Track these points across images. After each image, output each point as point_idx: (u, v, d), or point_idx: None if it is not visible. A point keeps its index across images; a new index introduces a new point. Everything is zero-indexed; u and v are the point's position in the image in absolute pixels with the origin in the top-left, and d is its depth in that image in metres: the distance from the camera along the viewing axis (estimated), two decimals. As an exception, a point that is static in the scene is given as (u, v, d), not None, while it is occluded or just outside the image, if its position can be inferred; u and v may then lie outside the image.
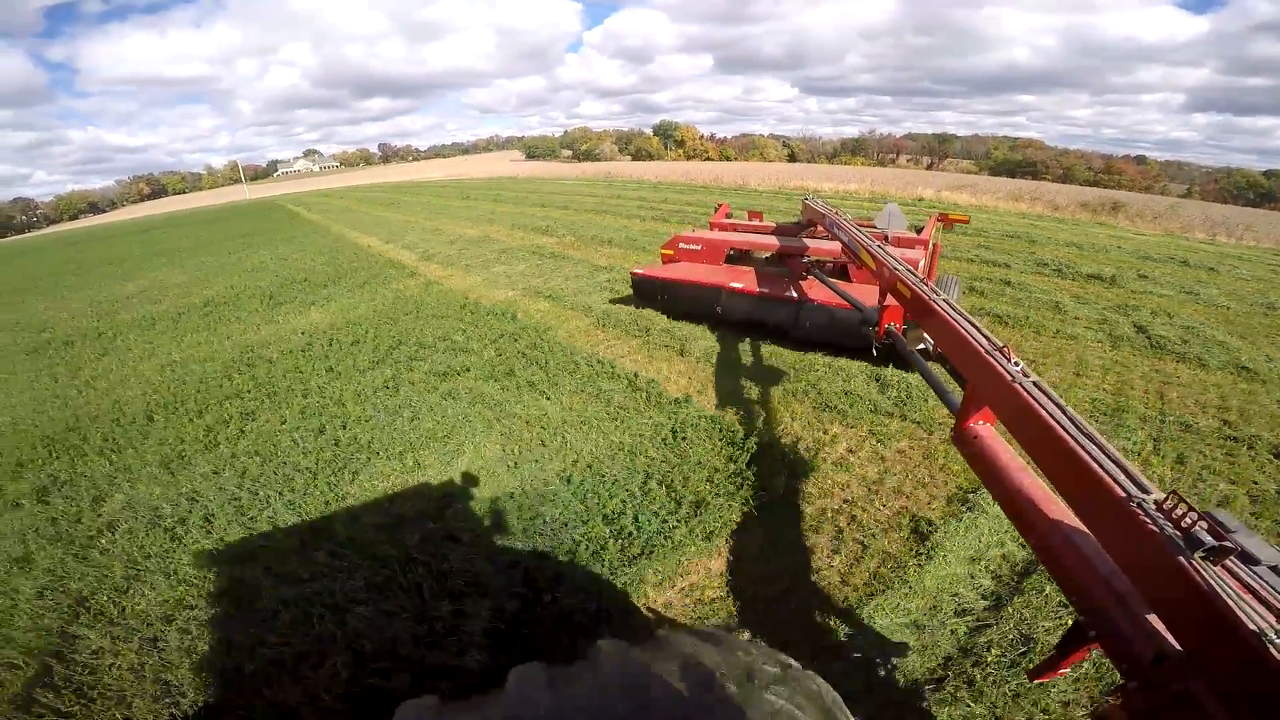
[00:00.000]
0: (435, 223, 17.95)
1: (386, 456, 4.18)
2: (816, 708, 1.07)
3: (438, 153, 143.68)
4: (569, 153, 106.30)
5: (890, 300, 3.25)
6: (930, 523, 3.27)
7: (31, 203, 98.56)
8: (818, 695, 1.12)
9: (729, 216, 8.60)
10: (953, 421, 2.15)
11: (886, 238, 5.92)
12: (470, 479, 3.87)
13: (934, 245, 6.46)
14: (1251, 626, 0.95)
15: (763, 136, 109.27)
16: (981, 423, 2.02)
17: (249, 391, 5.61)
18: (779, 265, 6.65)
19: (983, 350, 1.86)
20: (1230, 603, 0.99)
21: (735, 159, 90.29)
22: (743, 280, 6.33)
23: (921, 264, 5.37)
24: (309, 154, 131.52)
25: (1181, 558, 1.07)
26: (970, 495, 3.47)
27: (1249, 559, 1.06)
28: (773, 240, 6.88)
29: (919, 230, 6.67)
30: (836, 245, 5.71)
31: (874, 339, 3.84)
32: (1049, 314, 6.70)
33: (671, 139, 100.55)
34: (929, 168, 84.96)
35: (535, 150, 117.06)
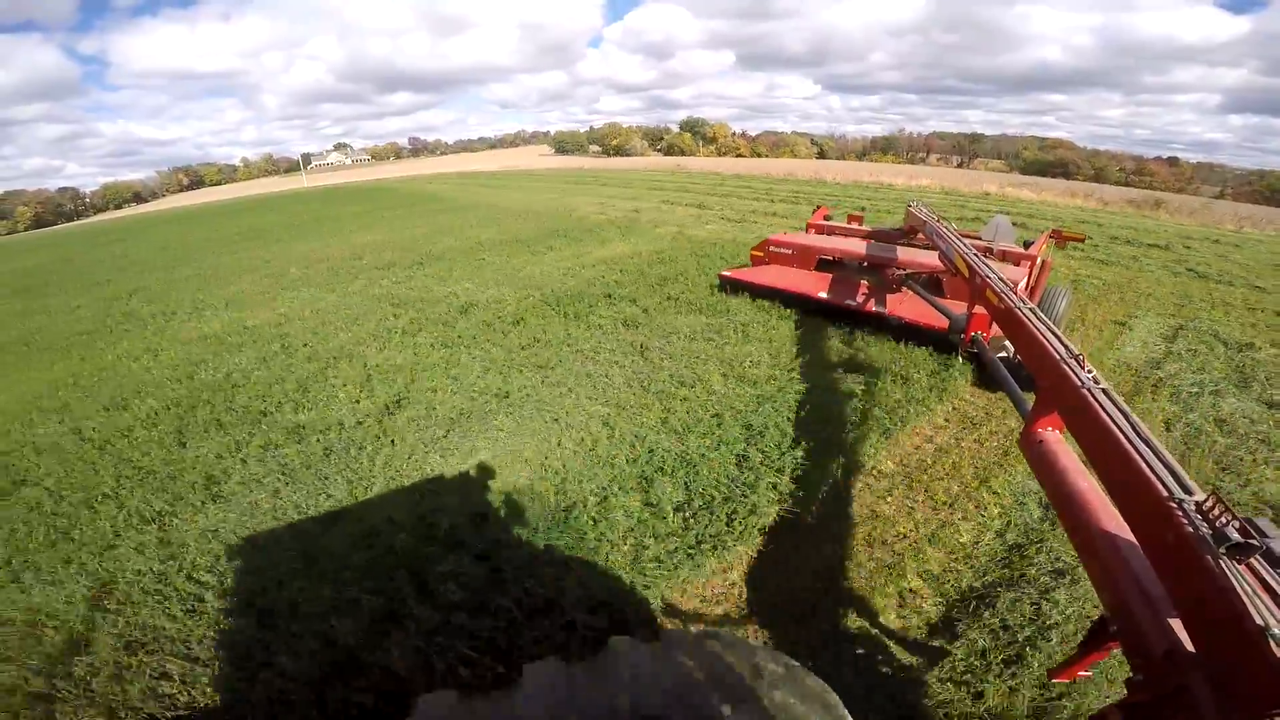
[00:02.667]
0: (579, 200, 21.59)
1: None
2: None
3: (465, 147, 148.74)
4: (597, 148, 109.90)
5: (978, 309, 3.54)
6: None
7: (78, 192, 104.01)
8: (807, 698, 1.14)
9: (828, 219, 8.89)
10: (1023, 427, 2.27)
11: (990, 250, 6.22)
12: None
13: (1043, 261, 6.42)
14: (1258, 621, 0.99)
15: (791, 134, 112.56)
16: (1049, 429, 2.18)
17: (680, 277, 8.93)
18: (874, 274, 6.76)
19: (1058, 357, 2.04)
20: (1243, 597, 1.03)
21: (766, 155, 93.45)
22: (827, 290, 6.73)
23: (1023, 282, 5.47)
24: (340, 147, 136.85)
25: (1206, 554, 1.13)
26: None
27: (1276, 561, 1.10)
28: (862, 249, 7.04)
29: (1028, 245, 6.81)
30: (932, 256, 5.96)
31: (960, 345, 4.17)
32: (1129, 261, 10.41)
33: (701, 135, 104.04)
34: (959, 166, 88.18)
35: (565, 145, 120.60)
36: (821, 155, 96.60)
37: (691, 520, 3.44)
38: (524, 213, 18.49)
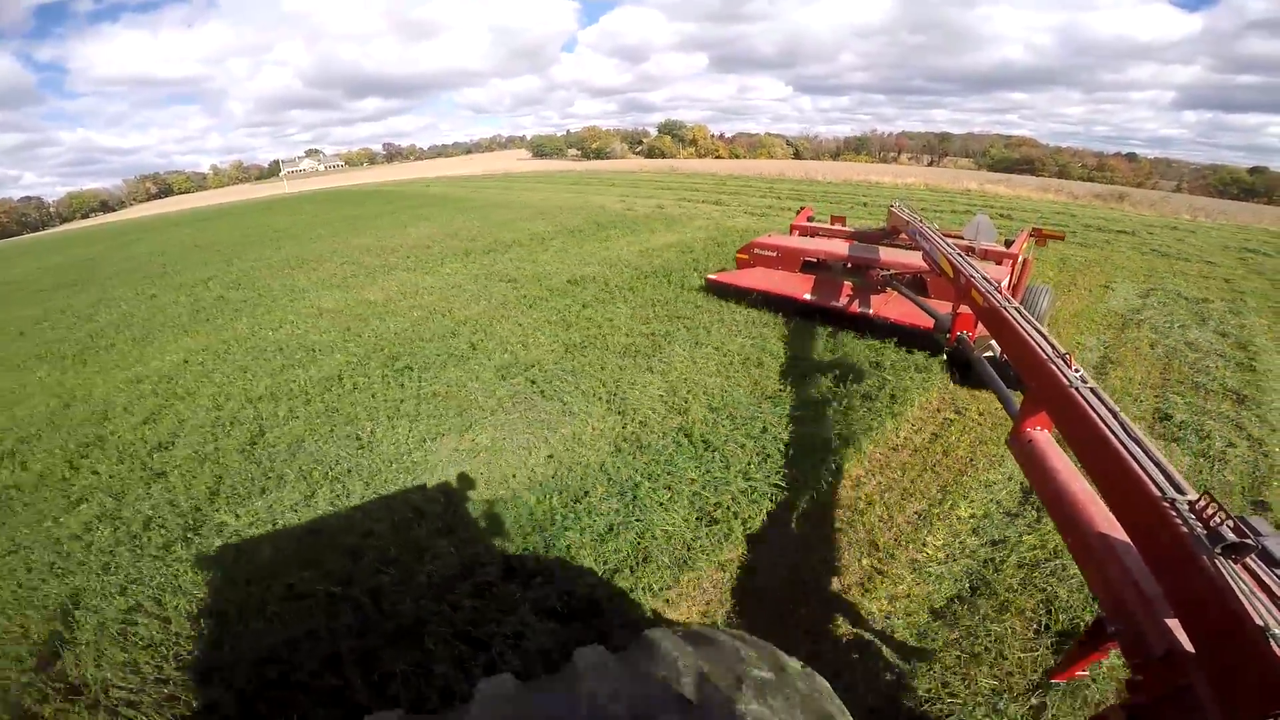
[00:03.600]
0: (599, 199, 22.94)
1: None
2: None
3: (439, 152, 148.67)
4: (576, 152, 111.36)
5: (963, 309, 3.67)
6: (1090, 295, 8.89)
7: (43, 201, 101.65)
8: (821, 694, 1.17)
9: (811, 220, 9.21)
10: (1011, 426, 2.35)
11: (972, 249, 6.33)
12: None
13: (1024, 260, 6.57)
14: (1257, 621, 1.01)
15: (768, 135, 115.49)
16: (1038, 429, 2.23)
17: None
18: (859, 275, 6.89)
19: (1045, 357, 2.08)
20: (1240, 597, 1.05)
21: (744, 156, 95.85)
22: (811, 292, 6.92)
23: (1005, 280, 5.59)
24: (312, 153, 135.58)
25: (1202, 554, 1.15)
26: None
27: (1271, 560, 1.12)
28: (846, 251, 7.24)
29: (1009, 244, 6.97)
30: (915, 256, 6.13)
31: (945, 345, 4.31)
32: (1104, 244, 12.43)
33: (679, 138, 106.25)
34: (930, 164, 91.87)
35: (543, 149, 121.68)
36: (797, 156, 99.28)
37: (866, 401, 5.16)
38: (558, 209, 19.98)
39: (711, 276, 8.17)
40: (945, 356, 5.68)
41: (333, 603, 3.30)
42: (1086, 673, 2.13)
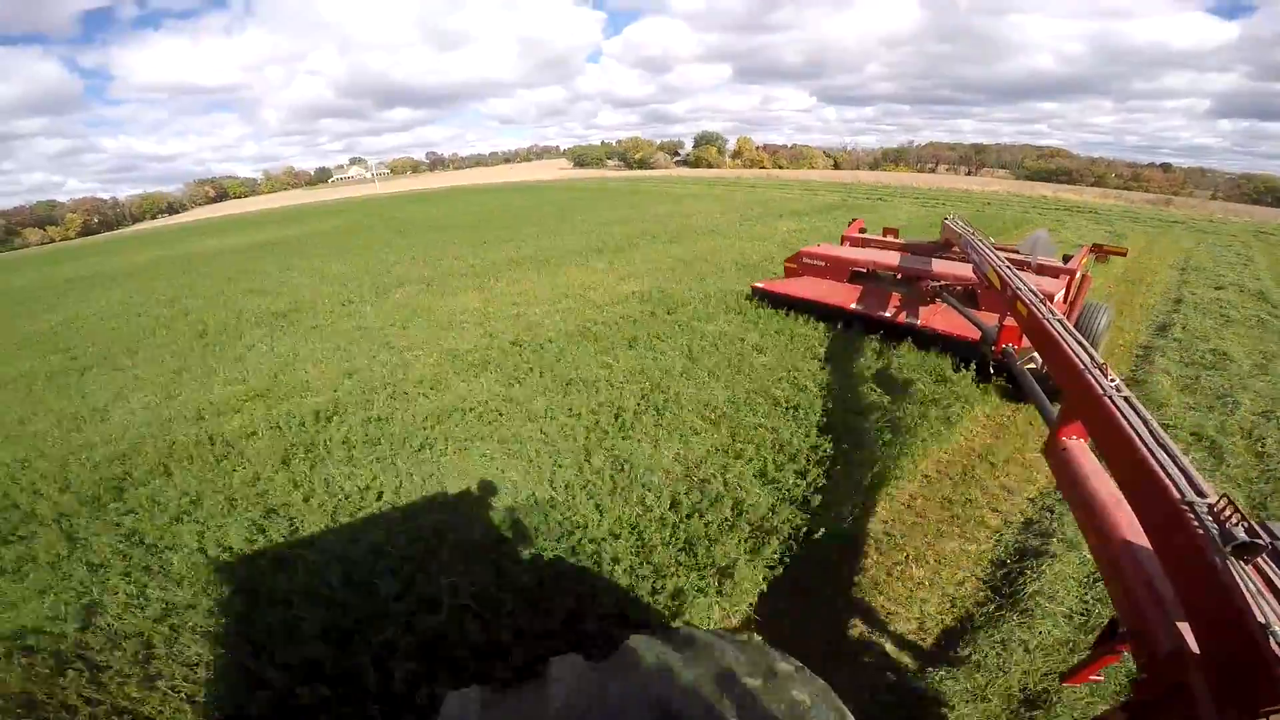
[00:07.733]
0: (771, 195, 29.77)
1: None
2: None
3: (478, 161, 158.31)
4: (615, 161, 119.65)
5: (1009, 321, 3.93)
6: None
7: (118, 201, 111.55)
8: (816, 697, 1.20)
9: (863, 232, 9.56)
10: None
11: (1028, 264, 6.61)
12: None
13: (1083, 276, 6.66)
14: (1259, 618, 1.05)
15: (796, 145, 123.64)
16: (1073, 437, 2.38)
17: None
18: (908, 286, 7.08)
19: (1082, 366, 2.22)
20: (1246, 595, 1.10)
21: (786, 167, 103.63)
22: (858, 301, 7.12)
23: (1059, 295, 5.83)
24: (357, 161, 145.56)
25: (1214, 554, 1.22)
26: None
27: None
28: (895, 261, 7.45)
29: (1067, 259, 7.10)
30: (966, 268, 6.25)
31: (990, 356, 4.58)
32: (1165, 229, 20.66)
33: (721, 150, 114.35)
34: (967, 174, 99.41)
35: (583, 159, 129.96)
36: (836, 166, 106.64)
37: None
38: (757, 202, 27.97)
39: (758, 284, 8.43)
40: (991, 370, 5.79)
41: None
42: (1100, 676, 2.22)
